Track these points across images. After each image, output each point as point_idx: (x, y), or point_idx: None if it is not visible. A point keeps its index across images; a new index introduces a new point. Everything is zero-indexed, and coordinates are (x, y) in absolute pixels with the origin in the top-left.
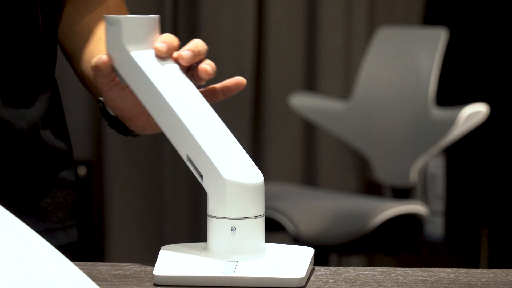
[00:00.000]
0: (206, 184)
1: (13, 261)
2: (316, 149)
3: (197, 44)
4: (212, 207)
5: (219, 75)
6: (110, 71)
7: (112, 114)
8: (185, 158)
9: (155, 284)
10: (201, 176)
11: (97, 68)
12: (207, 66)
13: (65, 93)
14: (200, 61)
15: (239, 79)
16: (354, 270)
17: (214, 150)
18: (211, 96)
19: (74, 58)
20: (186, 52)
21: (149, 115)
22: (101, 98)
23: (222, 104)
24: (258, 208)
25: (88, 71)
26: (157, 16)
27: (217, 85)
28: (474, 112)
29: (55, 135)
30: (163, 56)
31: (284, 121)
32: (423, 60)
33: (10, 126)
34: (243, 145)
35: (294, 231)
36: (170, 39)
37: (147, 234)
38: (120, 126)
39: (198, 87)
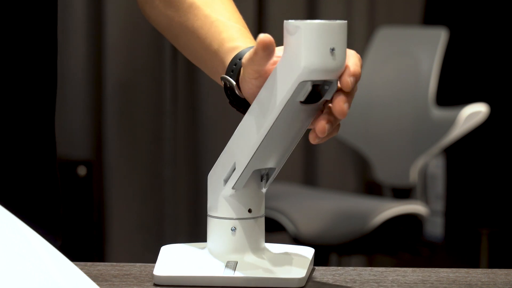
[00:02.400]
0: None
1: (13, 261)
2: (316, 149)
3: (357, 65)
4: (213, 206)
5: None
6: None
7: (242, 97)
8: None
9: (155, 284)
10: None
11: (266, 46)
12: (345, 104)
13: (65, 93)
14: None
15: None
16: (354, 270)
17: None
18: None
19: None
20: (351, 79)
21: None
22: (231, 80)
23: (222, 104)
24: (258, 208)
25: (204, 48)
26: (344, 22)
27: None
28: (474, 112)
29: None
30: (348, 90)
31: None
32: (423, 60)
33: None
34: None
35: (294, 231)
36: (358, 70)
37: (147, 234)
38: (244, 111)
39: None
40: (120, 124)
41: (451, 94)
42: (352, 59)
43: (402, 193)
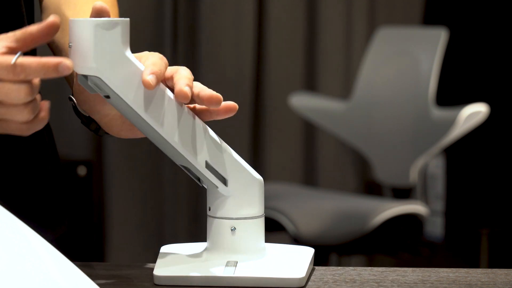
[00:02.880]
0: (231, 187)
1: (13, 261)
2: (316, 149)
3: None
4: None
5: (219, 75)
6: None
7: (85, 114)
8: (202, 165)
9: (155, 284)
10: (224, 180)
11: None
12: (185, 88)
13: (65, 93)
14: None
15: (230, 106)
16: (354, 270)
17: (233, 154)
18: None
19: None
20: (150, 77)
21: (125, 119)
22: (72, 97)
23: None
24: (258, 208)
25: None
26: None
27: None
28: (474, 112)
29: None
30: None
31: (284, 121)
32: (423, 60)
33: None
34: (243, 145)
35: (294, 231)
36: (158, 68)
37: (147, 234)
38: (93, 128)
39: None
40: None
41: (451, 94)
42: (151, 58)
43: (402, 193)
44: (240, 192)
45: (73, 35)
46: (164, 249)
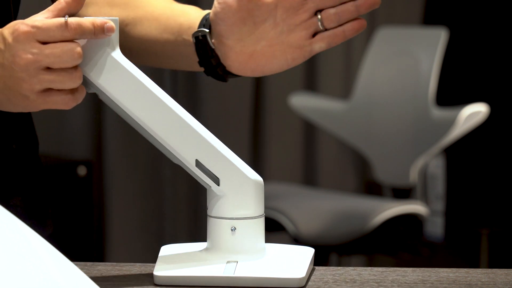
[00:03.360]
0: (223, 186)
1: (13, 261)
2: (316, 149)
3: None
4: (217, 207)
5: None
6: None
7: (213, 46)
8: (192, 164)
9: (155, 284)
10: (216, 180)
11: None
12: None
13: None
14: None
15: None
16: (354, 270)
17: (226, 152)
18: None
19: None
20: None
21: (253, 54)
22: (204, 29)
23: (222, 104)
24: (258, 208)
25: (162, 29)
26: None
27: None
28: (474, 112)
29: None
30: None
31: (284, 121)
32: (423, 60)
33: None
34: (243, 145)
35: (294, 231)
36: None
37: (147, 234)
38: (215, 63)
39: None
40: (120, 124)
41: (451, 94)
42: None
43: (402, 193)
44: (236, 192)
45: None
46: (164, 249)
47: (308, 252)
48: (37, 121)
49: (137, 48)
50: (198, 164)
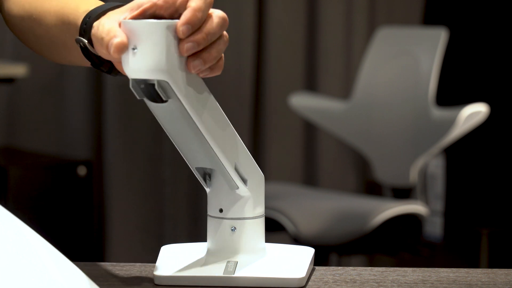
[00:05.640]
0: (250, 187)
1: (13, 261)
2: (316, 149)
3: (209, 31)
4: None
5: (219, 76)
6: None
7: (97, 54)
8: (232, 167)
9: (155, 284)
10: (245, 181)
11: (121, 50)
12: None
13: (65, 93)
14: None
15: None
16: (354, 270)
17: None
18: None
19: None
20: (188, 45)
21: None
22: (83, 39)
23: (222, 104)
24: (258, 208)
25: (60, 23)
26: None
27: None
28: (474, 112)
29: None
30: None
31: (284, 121)
32: (423, 60)
33: None
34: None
35: (294, 231)
36: (195, 18)
37: (147, 234)
38: (106, 69)
39: None
40: (120, 124)
41: (451, 94)
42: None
43: (402, 193)
44: (258, 191)
45: (139, 37)
46: (164, 249)
47: (308, 252)
48: (37, 121)
49: (45, 43)
50: (236, 167)
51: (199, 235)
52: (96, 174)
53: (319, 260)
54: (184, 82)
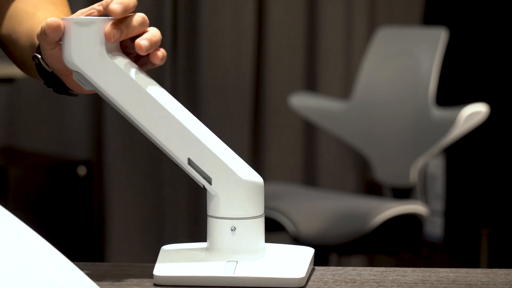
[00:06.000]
0: (215, 186)
1: (13, 261)
2: (316, 149)
3: (154, 34)
4: (215, 207)
5: (219, 76)
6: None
7: (49, 70)
8: (185, 162)
9: (155, 284)
10: (208, 179)
11: (55, 29)
12: (142, 41)
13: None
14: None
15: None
16: (354, 270)
17: (220, 151)
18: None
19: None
20: (144, 41)
21: None
22: (37, 55)
23: (222, 104)
24: (258, 208)
25: (28, 45)
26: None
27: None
28: (474, 112)
29: None
30: (118, 17)
31: (284, 121)
32: (423, 60)
33: None
34: (243, 145)
35: (294, 231)
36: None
37: (147, 234)
38: (57, 84)
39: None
40: (120, 124)
41: (451, 94)
42: None
43: (402, 193)
44: (229, 192)
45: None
46: (164, 249)
47: (308, 252)
48: (37, 121)
49: (21, 63)
50: (190, 162)
51: (199, 235)
52: (96, 174)
53: (319, 260)
54: (104, 73)
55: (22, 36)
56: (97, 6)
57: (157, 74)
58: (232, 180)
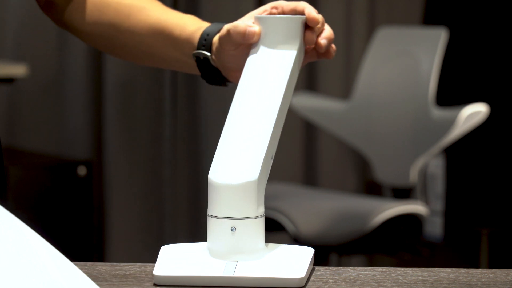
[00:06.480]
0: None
1: (13, 261)
2: (316, 149)
3: (331, 33)
4: (216, 207)
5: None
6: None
7: (215, 66)
8: (271, 157)
9: (155, 284)
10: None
11: (257, 35)
12: (322, 40)
13: (65, 93)
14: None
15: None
16: (354, 270)
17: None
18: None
19: (111, 30)
20: (324, 41)
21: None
22: (206, 53)
23: (222, 104)
24: (258, 208)
25: (156, 39)
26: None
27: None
28: (474, 112)
29: None
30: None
31: (284, 121)
32: (423, 60)
33: None
34: None
35: (294, 231)
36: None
37: (147, 234)
38: (215, 77)
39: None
40: (120, 124)
41: (451, 94)
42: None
43: (402, 193)
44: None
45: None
46: (164, 249)
47: (308, 252)
48: (37, 121)
49: (135, 52)
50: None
51: (199, 235)
52: (96, 174)
53: (319, 260)
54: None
55: (142, 27)
56: (272, 9)
57: (158, 73)
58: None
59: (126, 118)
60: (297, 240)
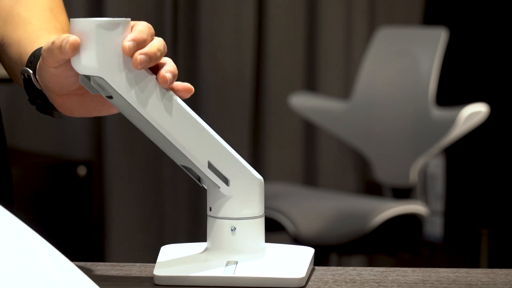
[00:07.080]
0: (233, 187)
1: (13, 261)
2: (316, 149)
3: (174, 67)
4: (216, 207)
5: (219, 75)
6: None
7: (39, 87)
8: (204, 165)
9: (155, 284)
10: (226, 180)
11: (76, 48)
12: (167, 74)
13: None
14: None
15: (187, 86)
16: (354, 270)
17: (235, 154)
18: None
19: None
20: (168, 74)
21: (86, 96)
22: (29, 70)
23: (222, 104)
24: (258, 208)
25: (17, 54)
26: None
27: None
28: (474, 112)
29: None
30: (128, 56)
31: (284, 121)
32: (423, 60)
33: None
34: (243, 145)
35: (294, 231)
36: (140, 35)
37: (147, 234)
38: (42, 102)
39: None
40: (120, 124)
41: (451, 94)
42: (138, 26)
43: (402, 193)
44: (241, 192)
45: (75, 35)
46: (164, 249)
47: (308, 252)
48: (37, 121)
49: (8, 70)
50: (210, 165)
51: (199, 235)
52: (96, 174)
53: (319, 260)
54: (127, 79)
55: (13, 42)
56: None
57: None
58: (248, 180)
59: (126, 118)
60: (297, 240)
